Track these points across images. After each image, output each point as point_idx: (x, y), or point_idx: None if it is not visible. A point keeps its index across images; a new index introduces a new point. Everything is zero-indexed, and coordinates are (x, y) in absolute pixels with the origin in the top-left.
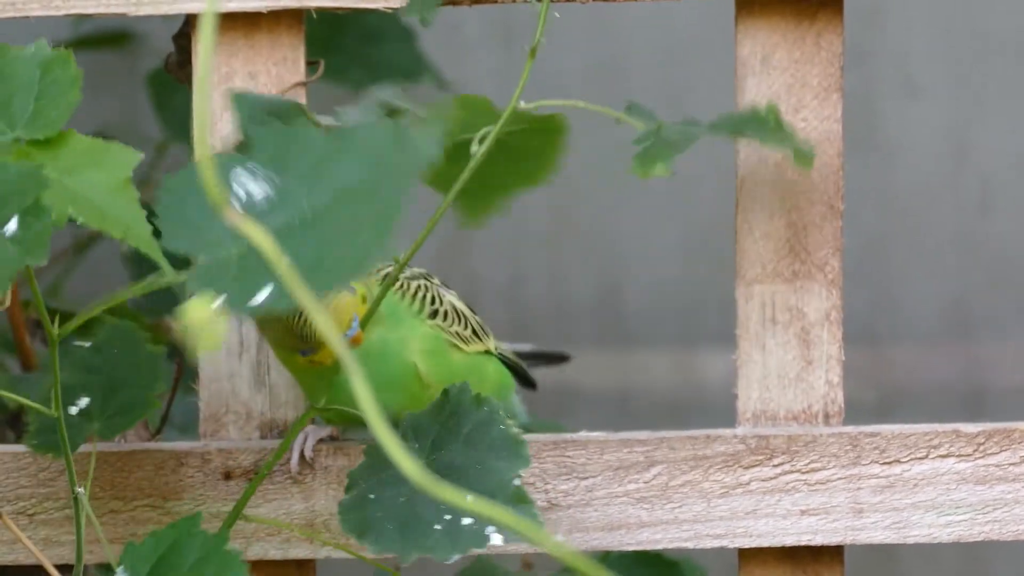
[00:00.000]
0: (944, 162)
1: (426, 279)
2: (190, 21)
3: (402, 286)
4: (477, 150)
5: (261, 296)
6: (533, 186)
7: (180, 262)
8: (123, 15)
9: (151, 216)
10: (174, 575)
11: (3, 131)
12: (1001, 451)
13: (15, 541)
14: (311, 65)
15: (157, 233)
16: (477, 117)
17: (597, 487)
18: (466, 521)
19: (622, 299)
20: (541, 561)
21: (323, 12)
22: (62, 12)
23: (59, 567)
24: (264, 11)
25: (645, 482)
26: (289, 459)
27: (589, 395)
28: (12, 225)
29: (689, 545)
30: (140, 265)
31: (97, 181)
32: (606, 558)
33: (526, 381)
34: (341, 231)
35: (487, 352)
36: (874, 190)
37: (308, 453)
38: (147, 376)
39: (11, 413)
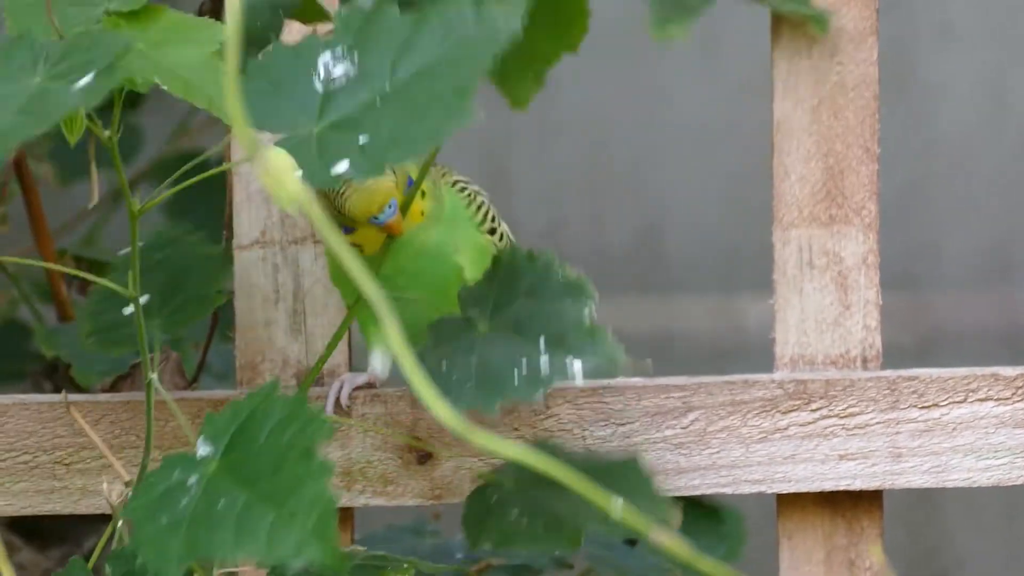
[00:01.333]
0: (982, 107)
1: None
2: None
3: (469, 194)
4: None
5: (340, 167)
6: (570, 51)
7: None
8: None
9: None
10: (256, 438)
11: (98, 2)
12: None
13: (52, 491)
14: None
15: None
16: None
17: (635, 433)
18: (544, 359)
19: (661, 244)
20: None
21: None
22: None
23: (97, 517)
24: None
25: (683, 427)
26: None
27: (629, 339)
28: (86, 79)
29: (728, 491)
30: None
31: (184, 54)
32: None
33: None
34: (418, 106)
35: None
36: (912, 135)
37: (344, 400)
38: (205, 273)
39: (48, 364)
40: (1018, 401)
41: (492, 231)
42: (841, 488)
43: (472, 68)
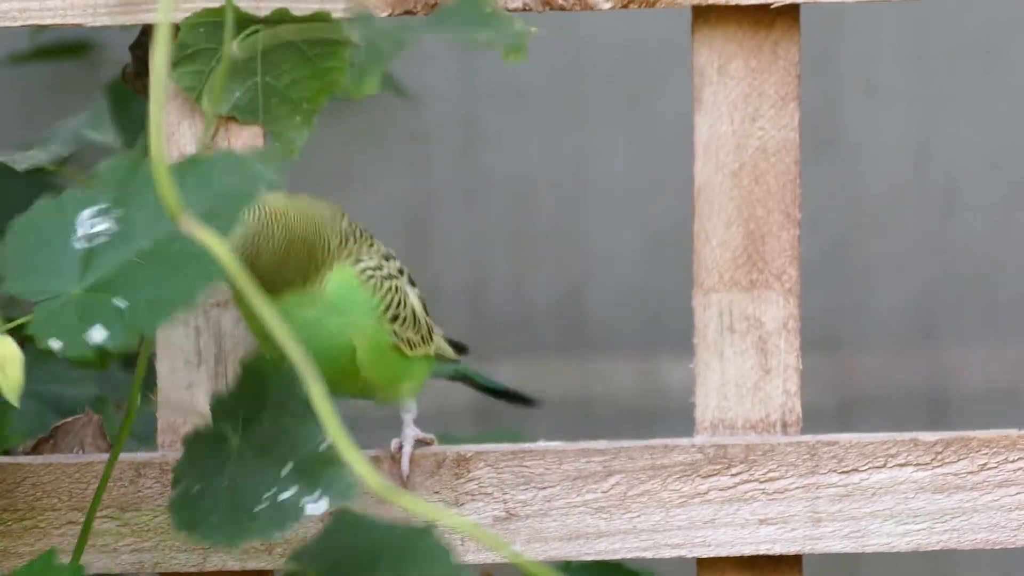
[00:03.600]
0: (907, 166)
1: (398, 273)
2: (146, 31)
3: (375, 281)
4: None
5: (95, 335)
6: (332, 91)
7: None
8: (80, 25)
9: None
10: None
11: None
12: (959, 460)
13: None
14: None
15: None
16: None
17: (556, 497)
18: (283, 496)
19: (583, 306)
20: (501, 571)
21: (281, 15)
22: (19, 23)
23: None
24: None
25: (603, 492)
26: None
27: (550, 402)
28: None
29: (648, 555)
30: None
31: None
32: (567, 568)
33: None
34: (176, 264)
35: (426, 356)
36: (836, 194)
37: (405, 471)
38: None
39: None
40: (937, 466)
41: (394, 318)
42: (761, 552)
43: (228, 220)
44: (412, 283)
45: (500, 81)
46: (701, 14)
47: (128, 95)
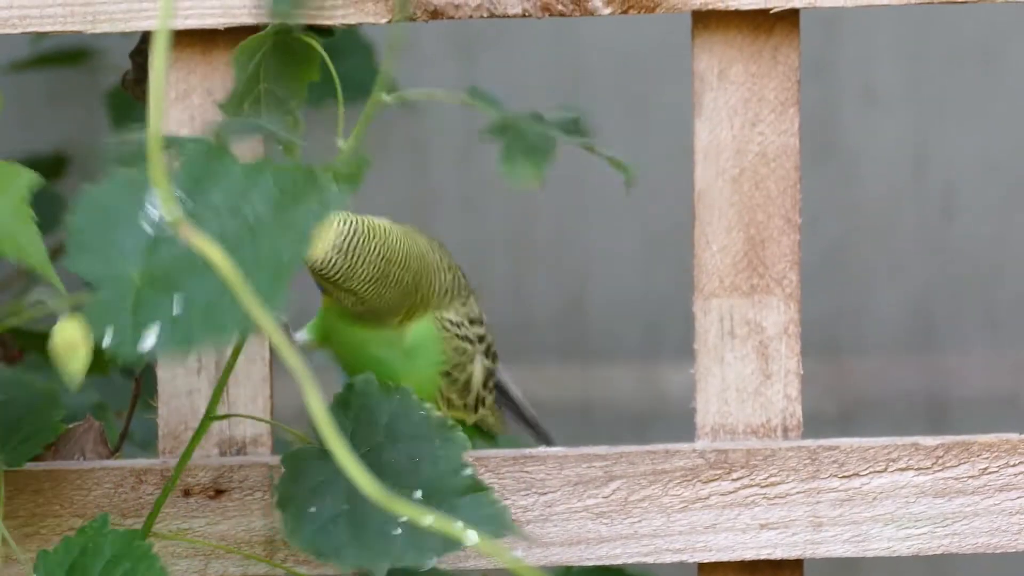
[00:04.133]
0: (905, 171)
1: (476, 340)
2: (146, 38)
3: (450, 336)
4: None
5: (146, 343)
6: (309, 79)
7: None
8: (79, 32)
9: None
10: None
11: None
12: (960, 464)
13: None
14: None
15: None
16: None
17: (556, 502)
18: (428, 520)
19: (584, 312)
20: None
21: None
22: (19, 30)
23: None
24: (221, 28)
25: (604, 497)
26: (245, 477)
27: (551, 408)
28: None
29: (649, 560)
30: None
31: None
32: (567, 573)
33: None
34: (245, 265)
35: (461, 421)
36: (835, 200)
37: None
38: (45, 408)
39: None
40: (938, 471)
41: (448, 374)
42: (762, 557)
43: (298, 237)
44: (488, 354)
45: (500, 87)
46: (701, 19)
47: (128, 102)
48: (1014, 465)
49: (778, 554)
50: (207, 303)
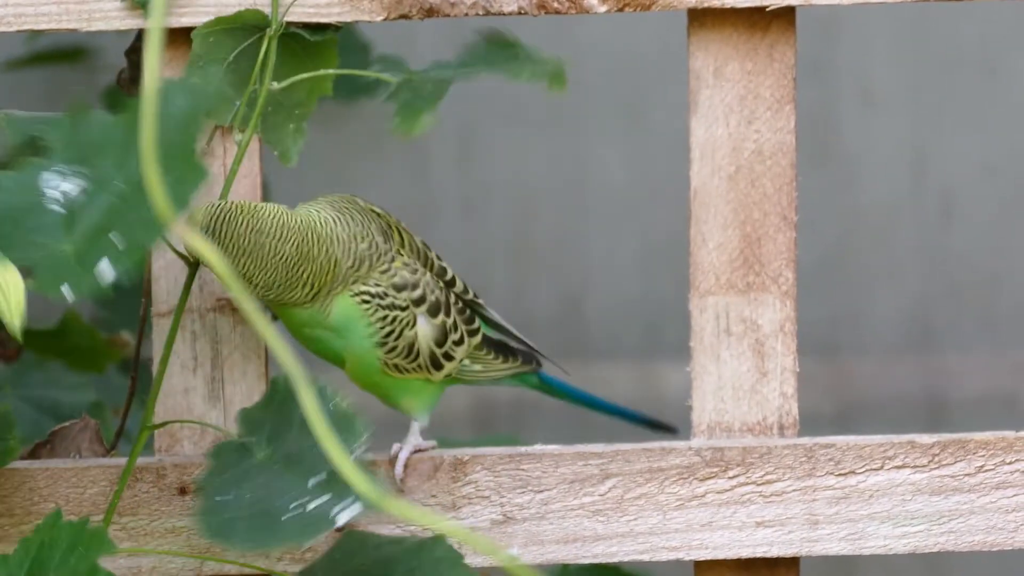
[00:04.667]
0: (904, 173)
1: (410, 303)
2: (141, 36)
3: (371, 308)
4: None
5: (101, 269)
6: (323, 93)
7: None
8: (75, 30)
9: None
10: (48, 570)
11: None
12: (956, 462)
13: None
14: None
15: None
16: None
17: (552, 500)
18: (312, 505)
19: (583, 312)
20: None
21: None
22: (14, 28)
23: None
24: None
25: (600, 495)
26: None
27: (551, 407)
28: None
29: (645, 558)
30: None
31: None
32: (564, 571)
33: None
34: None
35: (426, 379)
36: (834, 202)
37: (399, 473)
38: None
39: None
40: (935, 468)
41: (383, 344)
42: (758, 555)
43: (187, 142)
44: (436, 311)
45: (498, 90)
46: (697, 17)
47: (124, 100)
48: (1010, 463)
49: (774, 552)
50: (136, 220)
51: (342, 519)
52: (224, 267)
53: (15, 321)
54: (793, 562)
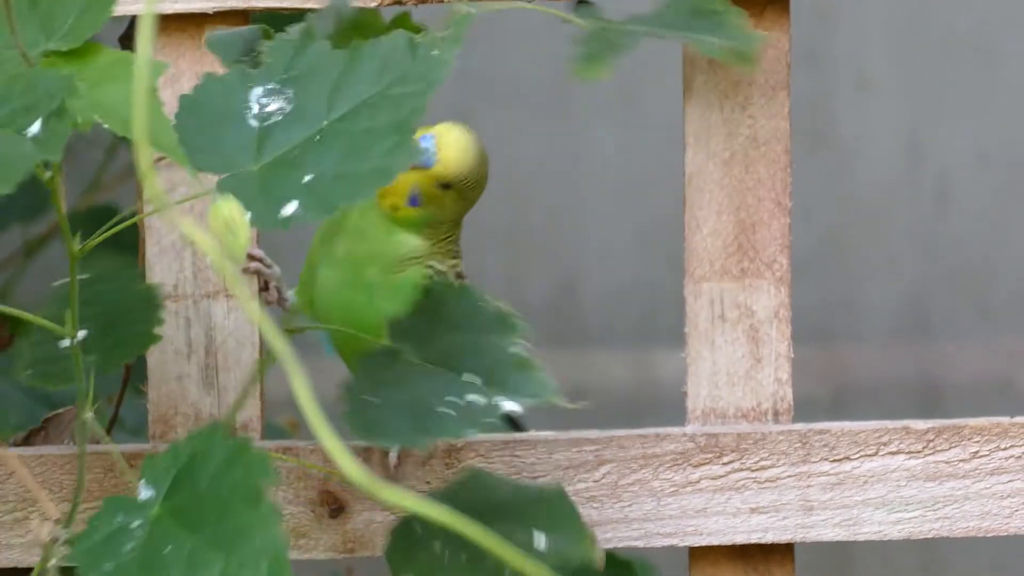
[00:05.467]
0: (899, 160)
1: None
2: (135, 23)
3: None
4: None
5: (288, 209)
6: None
7: None
8: None
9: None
10: (200, 482)
11: (40, 41)
12: (951, 447)
13: None
14: None
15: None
16: None
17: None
18: (472, 398)
19: (577, 298)
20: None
21: (269, 12)
22: None
23: (11, 571)
24: (211, 12)
25: (595, 481)
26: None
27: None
28: (35, 127)
29: (639, 544)
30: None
31: (122, 92)
32: None
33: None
34: (359, 144)
35: None
36: (829, 188)
37: (392, 460)
38: (144, 310)
39: None
40: (929, 454)
41: None
42: (753, 541)
43: (411, 105)
44: None
45: (492, 75)
46: None
47: None
48: (1005, 448)
49: (769, 538)
50: (335, 173)
51: (509, 406)
52: (217, 252)
53: (238, 258)
54: (788, 548)
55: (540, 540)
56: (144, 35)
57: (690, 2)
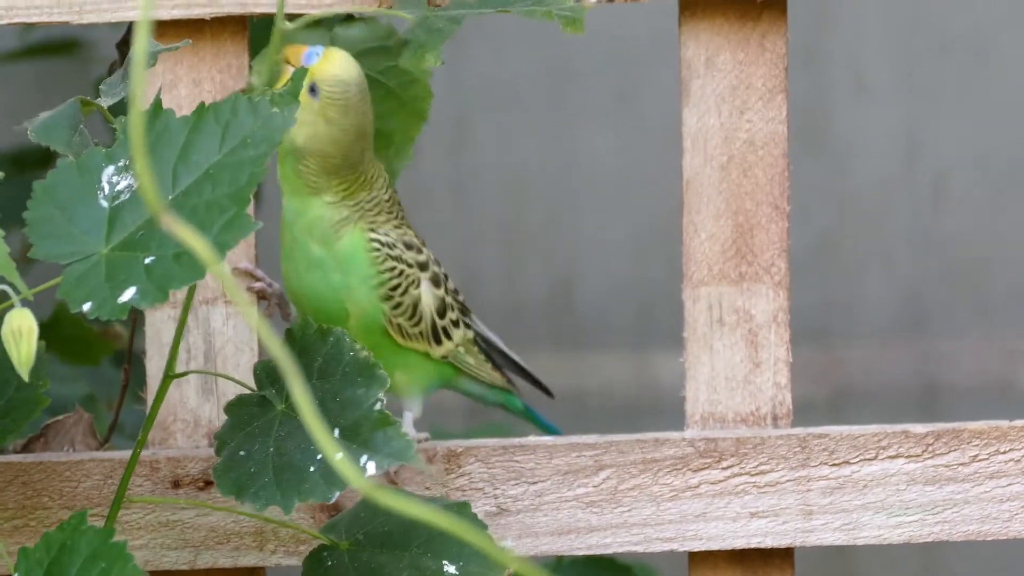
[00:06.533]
0: (896, 161)
1: (416, 266)
2: (133, 28)
3: (381, 257)
4: (255, 81)
5: (126, 296)
6: (421, 120)
7: None
8: (67, 23)
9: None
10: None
11: None
12: (950, 451)
13: None
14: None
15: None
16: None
17: (546, 491)
18: (338, 456)
19: (575, 300)
20: None
21: (267, 18)
22: (4, 22)
23: None
24: (208, 18)
25: (594, 486)
26: None
27: (543, 396)
28: None
29: (639, 549)
30: None
31: None
32: (558, 563)
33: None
34: (199, 218)
35: (427, 355)
36: (826, 189)
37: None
38: (28, 383)
39: None
40: (928, 458)
41: (388, 298)
42: (752, 546)
43: (251, 170)
44: (437, 284)
45: (489, 77)
46: (688, 7)
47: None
48: (1004, 452)
49: (768, 543)
50: (175, 252)
51: (371, 469)
52: (214, 258)
53: (23, 369)
54: (788, 553)
55: (450, 568)
56: (140, 40)
57: None
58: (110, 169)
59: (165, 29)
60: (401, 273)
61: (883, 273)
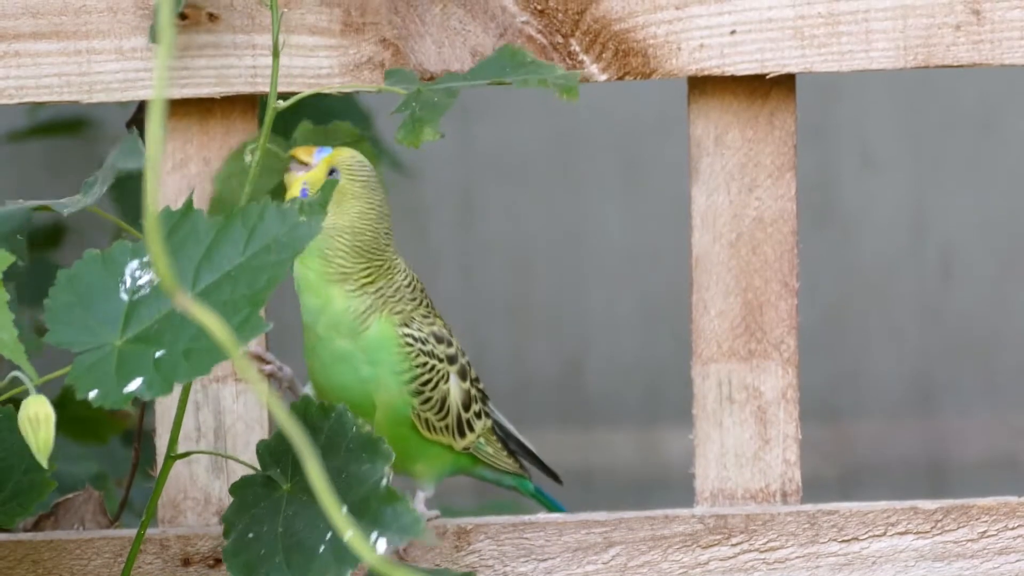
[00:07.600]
0: (903, 235)
1: (446, 360)
2: (142, 107)
3: (414, 352)
4: (250, 160)
5: (132, 386)
6: None
7: None
8: (76, 102)
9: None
10: None
11: None
12: (959, 527)
13: None
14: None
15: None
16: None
17: (556, 569)
18: (349, 534)
19: (583, 377)
20: None
21: (279, 95)
22: (15, 101)
23: None
24: (217, 97)
25: (604, 563)
26: None
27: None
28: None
29: None
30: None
31: None
32: None
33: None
34: (219, 311)
35: (450, 447)
36: (834, 264)
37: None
38: (36, 466)
39: None
40: (937, 534)
41: (419, 393)
42: None
43: (270, 275)
44: (464, 376)
45: (498, 153)
46: (697, 85)
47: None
48: (1013, 528)
49: None
50: (186, 348)
51: (382, 546)
52: (225, 333)
53: (42, 456)
54: None
55: None
56: (155, 120)
57: (503, 59)
58: (134, 263)
59: (175, 108)
60: (432, 368)
61: (891, 348)
